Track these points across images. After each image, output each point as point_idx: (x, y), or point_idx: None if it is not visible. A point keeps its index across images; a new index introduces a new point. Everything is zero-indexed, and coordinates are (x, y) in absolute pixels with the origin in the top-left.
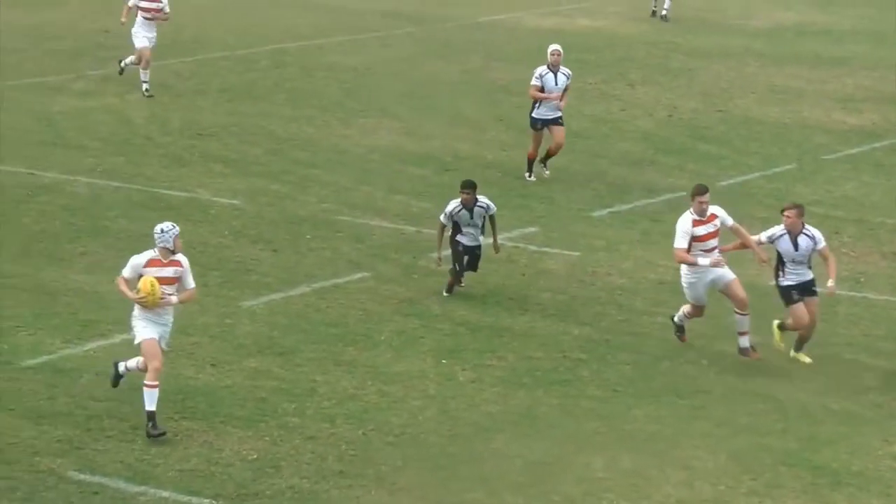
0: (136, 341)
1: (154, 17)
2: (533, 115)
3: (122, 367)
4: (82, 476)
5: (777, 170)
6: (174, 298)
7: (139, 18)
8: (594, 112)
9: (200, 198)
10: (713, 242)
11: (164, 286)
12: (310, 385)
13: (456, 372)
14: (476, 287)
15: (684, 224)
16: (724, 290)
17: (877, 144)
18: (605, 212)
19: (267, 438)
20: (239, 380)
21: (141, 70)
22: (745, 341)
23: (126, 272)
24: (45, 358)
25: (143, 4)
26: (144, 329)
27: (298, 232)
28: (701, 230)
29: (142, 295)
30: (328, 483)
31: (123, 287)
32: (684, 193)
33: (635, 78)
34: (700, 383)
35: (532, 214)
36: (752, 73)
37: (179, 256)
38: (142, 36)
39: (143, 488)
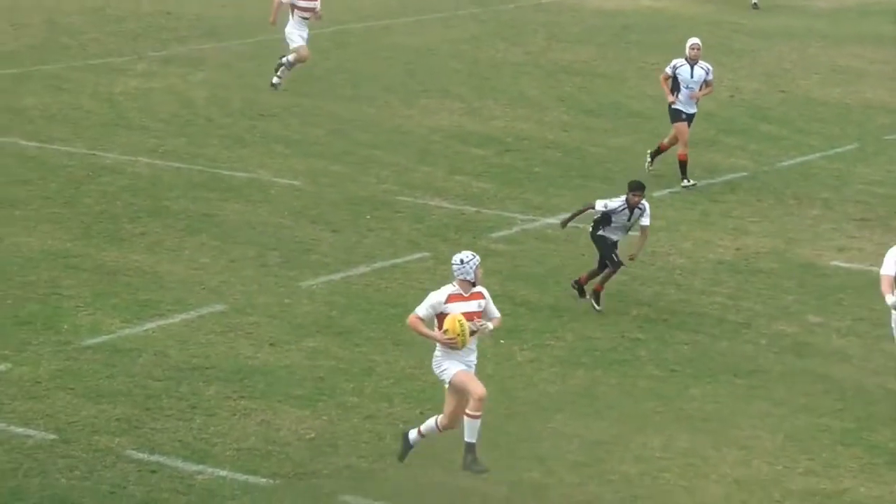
0: (445, 383)
1: (310, 16)
2: (674, 106)
3: (412, 435)
4: (140, 455)
5: (838, 150)
6: (490, 325)
7: (295, 18)
8: (657, 93)
9: (261, 178)
10: None
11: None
12: (368, 364)
13: (514, 352)
14: (535, 267)
15: (893, 253)
16: None
17: None
18: (665, 192)
19: (325, 418)
20: (297, 359)
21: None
22: None
23: (421, 311)
24: (104, 337)
25: (302, 4)
26: (451, 366)
27: (358, 212)
28: None
29: (450, 336)
30: (386, 462)
31: (422, 328)
32: (745, 174)
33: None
34: (758, 363)
35: (593, 194)
36: (815, 53)
37: (480, 288)
38: (297, 35)
39: (200, 467)
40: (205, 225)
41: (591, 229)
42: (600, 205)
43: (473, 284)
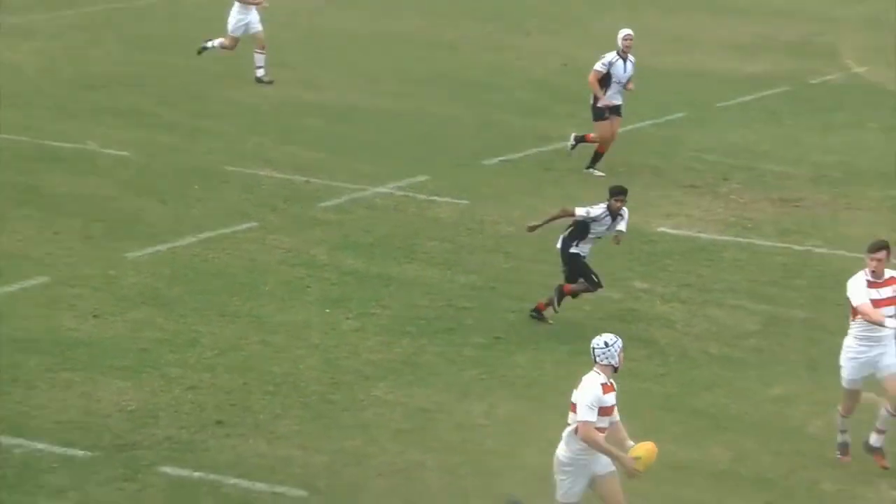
0: (556, 495)
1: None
2: (598, 105)
3: None
4: None
5: (669, 118)
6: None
7: (238, 6)
8: (489, 61)
9: (89, 149)
10: (891, 310)
11: (600, 416)
12: (192, 335)
13: (340, 321)
14: (364, 236)
15: (857, 284)
16: (882, 379)
17: (769, 92)
18: (495, 160)
19: (147, 389)
20: (121, 331)
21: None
22: (879, 440)
23: (592, 415)
24: None
25: None
26: (573, 486)
27: (187, 183)
28: (876, 293)
29: (639, 467)
30: (206, 433)
31: (604, 443)
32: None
33: (531, 27)
34: (582, 330)
35: (422, 163)
36: (649, 21)
37: (613, 379)
38: (244, 23)
39: (18, 440)
40: (31, 196)
41: (560, 244)
42: (581, 212)
43: (615, 370)
